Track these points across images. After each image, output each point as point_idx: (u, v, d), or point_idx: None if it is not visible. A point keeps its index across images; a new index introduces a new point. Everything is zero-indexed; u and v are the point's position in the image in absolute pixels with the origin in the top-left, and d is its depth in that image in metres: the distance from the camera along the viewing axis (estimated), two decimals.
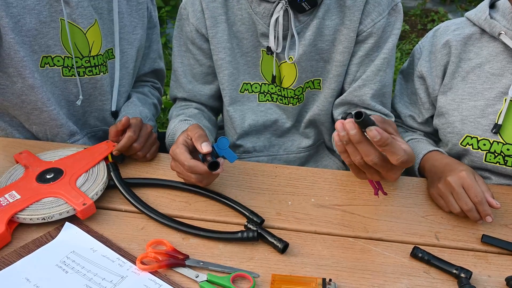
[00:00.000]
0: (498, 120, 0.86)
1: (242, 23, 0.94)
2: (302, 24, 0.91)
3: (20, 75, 0.90)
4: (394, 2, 0.91)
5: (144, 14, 1.07)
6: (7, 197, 0.76)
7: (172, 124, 0.99)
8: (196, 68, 1.01)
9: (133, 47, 1.06)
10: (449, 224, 0.81)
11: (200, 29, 0.95)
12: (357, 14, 0.90)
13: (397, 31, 0.93)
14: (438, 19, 3.85)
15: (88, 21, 0.93)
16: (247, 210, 0.79)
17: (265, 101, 1.04)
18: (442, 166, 0.85)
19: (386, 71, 0.95)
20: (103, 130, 1.09)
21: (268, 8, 0.90)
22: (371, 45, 0.92)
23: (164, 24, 3.12)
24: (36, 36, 0.89)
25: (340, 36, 0.93)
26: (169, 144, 0.99)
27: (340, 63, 0.95)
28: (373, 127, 0.60)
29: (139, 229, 0.76)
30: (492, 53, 0.88)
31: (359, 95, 0.95)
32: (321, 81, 0.99)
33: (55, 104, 0.97)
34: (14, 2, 0.85)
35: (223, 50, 0.96)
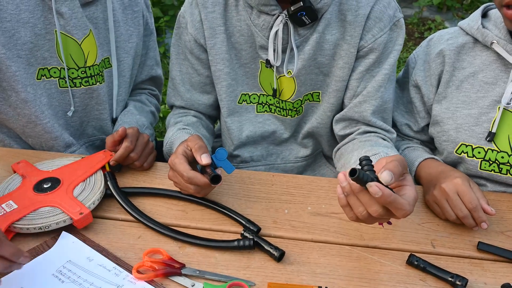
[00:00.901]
0: (492, 128, 0.87)
1: (240, 34, 0.94)
2: (301, 37, 0.90)
3: (13, 89, 0.91)
4: (395, 18, 0.90)
5: (140, 22, 1.08)
6: (4, 206, 0.76)
7: (170, 132, 0.99)
8: (194, 78, 1.01)
9: (129, 56, 1.06)
10: (445, 232, 0.81)
11: (198, 39, 0.95)
12: (358, 29, 0.89)
13: (399, 47, 0.91)
14: (435, 27, 3.88)
15: (82, 32, 0.94)
16: (243, 219, 0.80)
17: (263, 112, 1.03)
18: (437, 174, 0.86)
19: (387, 87, 0.94)
20: (101, 139, 1.09)
21: (267, 21, 0.89)
22: (372, 61, 0.91)
23: (163, 33, 3.14)
24: (32, 49, 0.90)
25: (341, 51, 0.92)
26: (166, 152, 0.99)
27: (340, 78, 0.94)
28: (373, 183, 0.59)
29: (136, 238, 0.77)
30: (485, 62, 0.89)
31: (359, 111, 0.94)
32: (321, 94, 0.99)
33: (50, 117, 0.97)
34: (8, 17, 0.85)
35: (221, 61, 0.96)
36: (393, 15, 0.90)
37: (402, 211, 0.62)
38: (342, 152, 0.97)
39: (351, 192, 0.63)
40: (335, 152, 1.02)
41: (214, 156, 0.79)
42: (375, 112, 0.94)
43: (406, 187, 0.65)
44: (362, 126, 0.96)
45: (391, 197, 0.60)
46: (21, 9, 0.86)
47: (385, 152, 0.84)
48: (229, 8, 0.93)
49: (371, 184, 0.60)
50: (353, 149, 0.92)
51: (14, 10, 0.85)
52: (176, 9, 3.27)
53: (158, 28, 3.11)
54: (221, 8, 0.92)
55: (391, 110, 0.99)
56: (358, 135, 0.96)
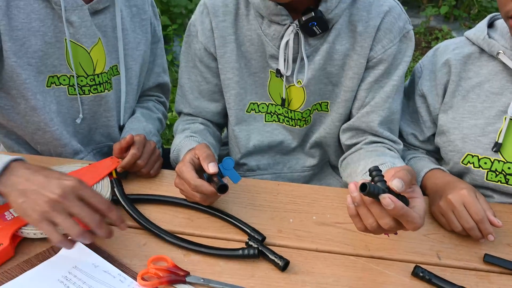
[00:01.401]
0: (499, 138, 0.87)
1: (251, 44, 0.94)
2: (312, 47, 0.91)
3: (23, 97, 0.92)
4: (405, 30, 0.91)
5: (147, 30, 1.09)
6: (12, 211, 0.77)
7: (177, 139, 1.00)
8: (203, 85, 1.02)
9: (137, 63, 1.07)
10: (451, 243, 0.81)
11: (208, 48, 0.96)
12: (368, 40, 0.89)
13: (408, 58, 0.91)
14: (442, 37, 3.88)
15: (91, 40, 0.95)
16: (248, 227, 0.80)
17: (272, 122, 1.03)
18: (443, 184, 0.85)
19: (394, 98, 0.94)
20: (108, 146, 1.10)
21: (278, 31, 0.90)
22: (381, 72, 0.92)
23: (171, 41, 3.17)
24: (42, 57, 0.91)
25: (350, 61, 0.92)
26: (173, 159, 0.99)
27: (349, 88, 0.94)
28: (386, 195, 0.59)
29: (141, 245, 0.77)
30: (491, 72, 0.89)
31: (367, 121, 0.94)
32: (329, 103, 0.99)
33: (59, 124, 0.98)
34: (19, 25, 0.86)
35: (231, 70, 0.96)
36: (403, 26, 0.90)
37: (413, 224, 0.62)
38: (348, 162, 0.97)
39: (361, 203, 0.63)
40: (341, 162, 1.02)
41: (221, 165, 0.80)
42: (382, 123, 0.94)
43: (415, 199, 0.65)
44: (368, 136, 0.96)
45: (403, 209, 0.60)
46: (31, 18, 0.87)
47: (392, 162, 0.84)
48: (240, 17, 0.94)
49: (384, 196, 0.59)
50: (359, 158, 0.92)
51: (25, 19, 0.87)
52: (184, 18, 3.30)
53: (166, 36, 3.14)
54: (232, 17, 0.93)
55: (398, 121, 0.99)
56: (365, 145, 0.96)
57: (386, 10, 0.89)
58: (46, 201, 0.64)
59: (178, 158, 0.93)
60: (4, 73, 0.89)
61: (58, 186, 0.65)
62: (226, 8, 0.93)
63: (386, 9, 0.89)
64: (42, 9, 0.88)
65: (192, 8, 3.30)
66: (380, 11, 0.89)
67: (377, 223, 0.63)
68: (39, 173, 0.68)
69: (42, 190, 0.65)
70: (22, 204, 0.65)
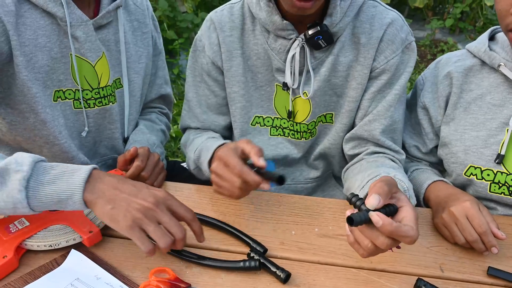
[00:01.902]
0: (501, 150, 0.86)
1: (257, 58, 0.96)
2: (317, 60, 0.92)
3: (32, 111, 0.93)
4: (407, 41, 0.92)
5: (149, 43, 1.11)
6: (17, 224, 0.78)
7: (197, 141, 0.98)
8: (211, 99, 1.02)
9: (140, 76, 1.09)
10: (454, 256, 0.80)
11: (216, 61, 0.97)
12: (371, 52, 0.91)
13: (410, 68, 0.93)
14: (447, 49, 3.88)
15: (96, 54, 0.97)
16: (250, 239, 0.80)
17: (277, 136, 1.04)
18: (446, 196, 0.85)
19: (396, 107, 0.94)
20: (113, 158, 1.11)
21: (284, 45, 0.91)
22: (384, 82, 0.93)
23: (178, 55, 3.21)
24: (48, 72, 0.93)
25: (354, 72, 0.93)
26: (195, 159, 0.96)
27: (353, 98, 0.95)
28: (374, 213, 0.61)
29: (143, 256, 0.77)
30: (492, 84, 0.89)
31: (369, 129, 0.95)
32: (334, 115, 1.00)
33: (66, 137, 0.99)
34: (27, 41, 0.88)
35: (237, 84, 0.98)
36: (405, 38, 0.92)
37: (407, 238, 0.62)
38: (349, 174, 0.97)
39: (354, 230, 0.65)
40: (343, 173, 1.02)
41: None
42: (384, 132, 0.95)
43: (403, 208, 0.65)
44: (370, 147, 0.96)
45: (392, 225, 0.60)
46: (38, 34, 0.89)
47: (387, 173, 0.84)
48: (246, 32, 0.95)
49: (372, 214, 0.60)
50: (359, 171, 0.92)
51: (32, 35, 0.89)
52: (190, 32, 3.35)
53: (173, 50, 3.19)
54: (238, 32, 0.95)
55: (401, 132, 0.99)
56: (366, 155, 0.96)
57: (389, 22, 0.91)
58: (138, 209, 0.66)
59: (199, 158, 0.93)
60: (15, 88, 0.90)
61: (150, 195, 0.68)
62: (232, 23, 0.95)
63: (389, 21, 0.91)
64: (48, 25, 0.90)
65: (198, 23, 3.34)
66: (383, 23, 0.90)
67: (373, 244, 0.64)
68: (126, 182, 0.71)
69: (133, 197, 0.67)
70: (111, 210, 0.66)
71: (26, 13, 0.88)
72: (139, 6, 1.09)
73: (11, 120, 0.95)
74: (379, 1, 0.94)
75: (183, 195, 0.94)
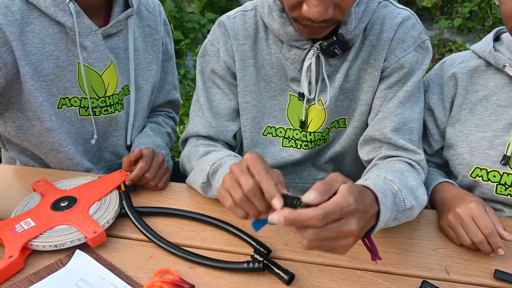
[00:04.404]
0: (507, 151, 0.85)
1: (271, 67, 0.94)
2: (332, 67, 0.90)
3: (38, 119, 0.93)
4: (420, 40, 0.88)
5: (159, 50, 1.10)
6: (23, 224, 0.78)
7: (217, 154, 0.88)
8: (223, 104, 0.98)
9: (148, 83, 1.08)
10: (460, 258, 0.79)
11: (232, 67, 0.95)
12: (382, 53, 0.88)
13: (424, 67, 0.89)
14: (456, 48, 3.85)
15: (104, 63, 0.96)
16: (254, 240, 0.80)
17: (289, 147, 1.02)
18: (451, 197, 0.84)
19: (407, 106, 0.90)
20: (118, 163, 1.11)
21: (298, 54, 0.89)
22: (394, 80, 0.90)
23: (184, 56, 3.23)
24: (54, 80, 0.93)
25: (365, 75, 0.92)
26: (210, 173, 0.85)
27: (365, 101, 0.93)
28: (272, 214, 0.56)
29: (148, 257, 0.78)
30: (498, 85, 0.88)
31: (379, 128, 0.90)
32: (346, 119, 0.98)
33: (71, 144, 1.00)
34: (34, 50, 0.88)
35: (249, 93, 0.96)
36: (418, 36, 0.88)
37: (312, 219, 0.54)
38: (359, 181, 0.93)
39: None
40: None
41: None
42: (396, 130, 0.90)
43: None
44: (383, 150, 0.92)
45: (292, 214, 0.54)
46: (46, 43, 0.89)
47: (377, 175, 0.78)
48: (259, 41, 0.94)
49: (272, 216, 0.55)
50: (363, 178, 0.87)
51: (40, 44, 0.88)
52: (197, 32, 3.36)
53: (179, 50, 3.20)
54: (251, 41, 0.93)
55: (418, 131, 0.92)
56: (379, 160, 0.92)
57: (400, 21, 0.88)
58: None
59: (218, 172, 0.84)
60: (23, 96, 0.91)
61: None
62: (245, 31, 0.93)
63: (400, 20, 0.88)
64: (57, 33, 0.90)
65: (204, 23, 3.35)
66: (394, 23, 0.88)
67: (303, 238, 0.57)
68: None
69: None
70: None
71: (35, 20, 0.88)
72: (151, 12, 1.08)
73: (20, 124, 0.96)
74: (391, 1, 0.91)
75: (187, 195, 0.94)
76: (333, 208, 0.55)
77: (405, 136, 0.90)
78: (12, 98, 0.92)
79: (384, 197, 0.65)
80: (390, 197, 0.68)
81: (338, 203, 0.56)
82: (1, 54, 0.84)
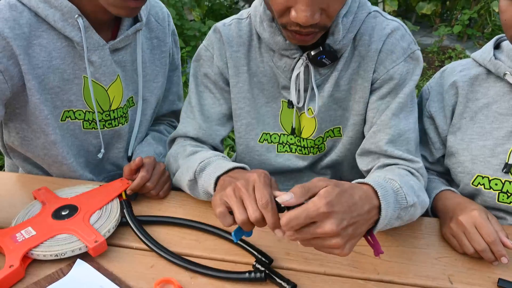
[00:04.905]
0: (509, 159, 0.85)
1: (263, 75, 0.95)
2: (322, 77, 0.91)
3: (43, 132, 0.93)
4: (410, 50, 0.89)
5: (166, 62, 1.10)
6: (23, 233, 0.78)
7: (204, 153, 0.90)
8: (214, 108, 1.00)
9: (154, 95, 1.08)
10: (463, 267, 0.79)
11: (225, 73, 0.97)
12: (371, 64, 0.89)
13: (416, 77, 0.89)
14: (455, 56, 3.87)
15: (110, 78, 0.96)
16: (256, 250, 0.80)
17: (284, 152, 1.03)
18: (453, 206, 0.84)
19: (401, 116, 0.90)
20: (119, 174, 1.11)
21: (289, 63, 0.90)
22: (386, 91, 0.90)
23: (185, 63, 3.24)
24: (59, 93, 0.93)
25: (356, 85, 0.92)
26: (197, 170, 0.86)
27: (357, 112, 0.94)
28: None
29: (149, 267, 0.77)
30: (499, 93, 0.88)
31: (375, 141, 0.91)
32: (341, 128, 0.99)
33: (74, 157, 1.00)
34: (40, 63, 0.88)
35: (243, 100, 0.97)
36: (408, 47, 0.89)
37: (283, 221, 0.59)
38: None
39: None
40: None
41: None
42: (392, 142, 0.90)
43: None
44: (382, 159, 0.92)
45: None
46: (52, 56, 0.89)
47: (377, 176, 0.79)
48: (253, 49, 0.95)
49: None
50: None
51: (46, 57, 0.88)
52: (198, 40, 3.37)
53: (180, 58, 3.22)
54: (245, 48, 0.95)
55: (415, 140, 0.92)
56: (378, 168, 0.92)
57: (388, 32, 0.88)
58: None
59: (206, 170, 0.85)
60: (28, 108, 0.91)
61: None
62: (240, 39, 0.94)
63: (389, 31, 0.88)
64: (64, 47, 0.90)
65: (205, 31, 3.37)
66: (382, 34, 0.88)
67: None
68: None
69: None
70: None
71: (43, 33, 0.88)
72: (160, 23, 1.08)
73: (24, 136, 0.96)
74: (380, 11, 0.92)
75: (189, 204, 0.94)
76: (295, 213, 0.59)
77: (401, 147, 0.91)
78: (17, 109, 0.92)
79: (385, 191, 0.67)
80: (391, 193, 0.71)
81: (304, 208, 0.59)
82: (7, 67, 0.84)
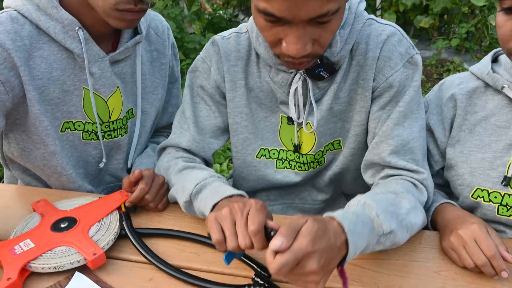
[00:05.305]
0: (508, 172, 0.86)
1: (260, 90, 0.94)
2: (321, 90, 0.90)
3: (42, 142, 0.94)
4: (408, 55, 0.87)
5: (166, 74, 1.11)
6: (22, 245, 0.78)
7: (200, 173, 0.88)
8: (209, 120, 0.98)
9: (153, 107, 1.09)
10: (463, 281, 0.78)
11: (222, 87, 0.96)
12: (369, 73, 0.88)
13: (416, 83, 0.87)
14: (454, 68, 3.90)
15: (110, 89, 0.97)
16: (255, 263, 0.79)
17: (283, 168, 1.01)
18: (453, 219, 0.84)
19: (405, 125, 0.88)
20: (118, 185, 1.11)
21: (286, 78, 0.89)
22: (386, 100, 0.88)
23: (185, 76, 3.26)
24: (59, 104, 0.93)
25: (356, 95, 0.91)
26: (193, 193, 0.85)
27: (358, 122, 0.93)
28: None
29: (147, 280, 0.77)
30: (497, 106, 0.89)
31: (378, 152, 0.89)
32: (341, 140, 0.97)
33: (73, 168, 1.00)
34: (41, 75, 0.89)
35: (240, 115, 0.96)
36: (405, 52, 0.87)
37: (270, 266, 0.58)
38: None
39: None
40: None
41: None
42: (395, 152, 0.88)
43: None
44: (385, 170, 0.91)
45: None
46: (53, 68, 0.90)
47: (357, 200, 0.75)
48: (251, 64, 0.94)
49: None
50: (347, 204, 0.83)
51: (47, 69, 0.89)
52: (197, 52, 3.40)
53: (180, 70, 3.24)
54: (243, 63, 0.94)
55: (420, 150, 0.90)
56: (381, 179, 0.91)
57: (384, 38, 0.87)
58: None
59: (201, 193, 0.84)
60: (28, 119, 0.91)
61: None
62: (238, 53, 0.94)
63: (384, 37, 0.87)
64: (64, 59, 0.91)
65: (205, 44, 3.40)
66: (378, 41, 0.87)
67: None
68: None
69: None
70: None
71: (44, 45, 0.89)
72: (160, 36, 1.09)
73: (24, 146, 0.96)
74: (375, 18, 0.90)
75: (187, 218, 0.93)
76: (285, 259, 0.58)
77: (405, 156, 0.89)
78: (18, 120, 0.93)
79: (353, 225, 0.65)
80: (365, 223, 0.69)
81: (291, 251, 0.58)
82: (8, 78, 0.85)
